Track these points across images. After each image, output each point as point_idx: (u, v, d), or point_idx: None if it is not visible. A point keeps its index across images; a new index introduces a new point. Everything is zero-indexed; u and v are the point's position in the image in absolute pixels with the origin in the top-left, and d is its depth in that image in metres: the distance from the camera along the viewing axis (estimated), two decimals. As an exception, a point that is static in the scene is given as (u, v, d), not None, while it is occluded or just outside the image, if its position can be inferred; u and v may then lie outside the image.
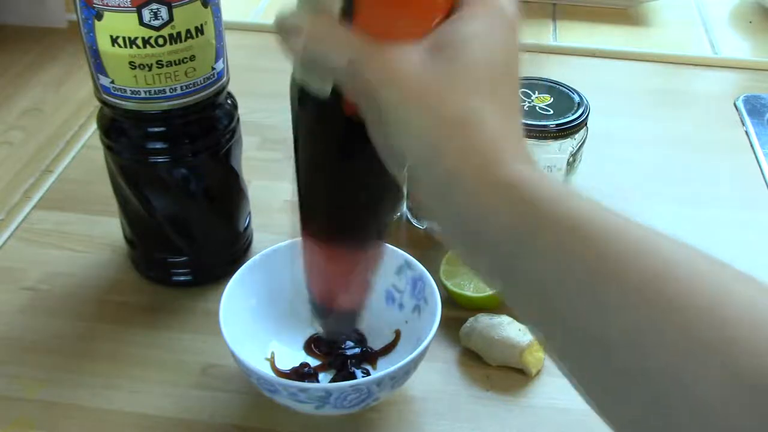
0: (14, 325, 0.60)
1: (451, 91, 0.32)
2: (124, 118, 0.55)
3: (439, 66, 0.32)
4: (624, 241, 0.30)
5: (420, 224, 0.69)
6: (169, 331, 0.60)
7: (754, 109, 0.87)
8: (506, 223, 0.31)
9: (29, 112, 0.86)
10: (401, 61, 0.32)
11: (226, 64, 0.56)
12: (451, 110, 0.32)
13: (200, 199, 0.60)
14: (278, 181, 0.74)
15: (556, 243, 0.30)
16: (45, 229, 0.69)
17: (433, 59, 0.32)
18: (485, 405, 0.54)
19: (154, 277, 0.64)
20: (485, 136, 0.32)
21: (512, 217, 0.31)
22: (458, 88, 0.32)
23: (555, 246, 0.30)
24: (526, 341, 0.55)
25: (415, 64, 0.32)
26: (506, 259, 0.32)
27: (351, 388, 0.48)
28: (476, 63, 0.33)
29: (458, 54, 0.33)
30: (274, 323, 0.57)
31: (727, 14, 1.10)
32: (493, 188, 0.32)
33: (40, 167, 0.77)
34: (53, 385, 0.55)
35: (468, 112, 0.32)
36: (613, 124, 0.83)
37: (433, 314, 0.52)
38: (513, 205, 0.31)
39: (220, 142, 0.58)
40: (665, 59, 0.98)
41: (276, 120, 0.84)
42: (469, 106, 0.32)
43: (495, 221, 0.31)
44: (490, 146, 0.32)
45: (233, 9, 1.00)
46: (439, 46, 0.33)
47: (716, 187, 0.76)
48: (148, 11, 0.49)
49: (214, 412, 0.54)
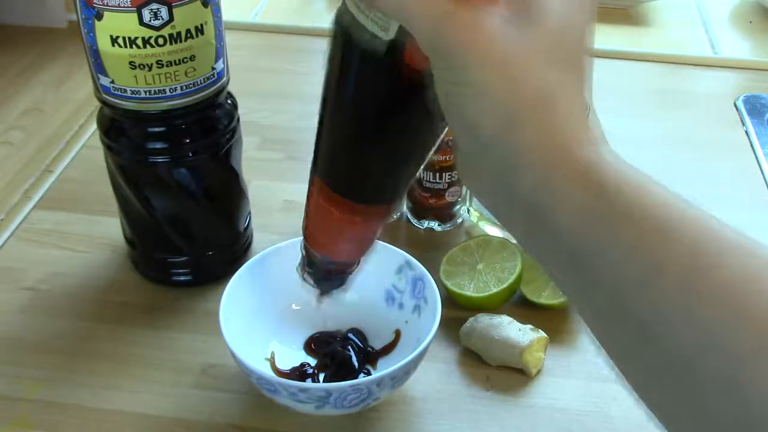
0: (14, 325, 0.60)
1: (531, 60, 0.31)
2: (124, 118, 0.55)
3: (522, 30, 0.31)
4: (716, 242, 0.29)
5: (420, 224, 0.69)
6: (169, 331, 0.60)
7: (754, 109, 0.87)
8: (582, 209, 0.30)
9: (29, 112, 0.86)
10: (485, 21, 0.30)
11: (226, 64, 0.56)
12: (530, 83, 0.31)
13: (200, 199, 0.60)
14: (278, 181, 0.74)
15: (640, 240, 0.29)
16: (45, 229, 0.69)
17: (515, 23, 0.31)
18: (485, 405, 0.54)
19: (154, 277, 0.64)
20: (564, 113, 0.31)
21: (589, 201, 0.30)
22: (538, 58, 0.31)
23: (639, 242, 0.29)
24: (526, 341, 0.55)
25: (498, 26, 0.30)
26: (576, 244, 0.30)
27: (351, 388, 0.48)
28: (559, 31, 0.31)
29: (541, 19, 0.31)
30: (274, 323, 0.57)
31: (727, 14, 1.10)
32: (569, 168, 0.30)
33: (40, 167, 0.77)
34: (53, 385, 0.55)
35: (546, 88, 0.31)
36: (613, 124, 0.82)
37: (433, 314, 0.52)
38: (590, 192, 0.30)
39: (220, 142, 0.58)
40: (665, 59, 0.98)
41: (276, 120, 0.84)
42: (547, 81, 0.31)
43: (569, 206, 0.30)
44: (567, 126, 0.31)
45: (233, 9, 1.00)
46: (522, 10, 0.31)
47: (716, 187, 0.76)
48: (148, 11, 0.49)
49: (214, 412, 0.54)
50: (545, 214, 0.31)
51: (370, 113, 0.36)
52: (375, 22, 0.32)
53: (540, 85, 0.31)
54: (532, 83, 0.31)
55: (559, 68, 0.31)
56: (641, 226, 0.29)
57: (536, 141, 0.30)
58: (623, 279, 0.29)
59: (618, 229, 0.29)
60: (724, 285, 0.28)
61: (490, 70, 0.30)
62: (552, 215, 0.31)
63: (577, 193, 0.30)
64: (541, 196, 0.31)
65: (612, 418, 0.53)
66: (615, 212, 0.30)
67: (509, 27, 0.31)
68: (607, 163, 0.30)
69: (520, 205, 0.32)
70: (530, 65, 0.31)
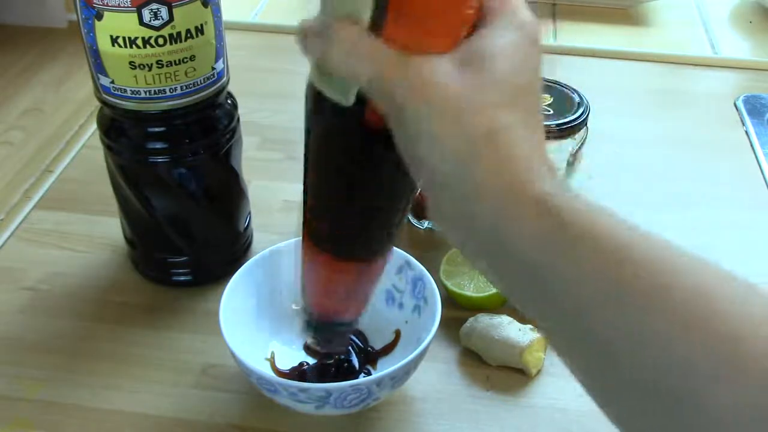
0: (14, 325, 0.60)
1: (480, 104, 0.32)
2: (124, 118, 0.55)
3: (468, 79, 0.32)
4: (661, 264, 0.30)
5: (420, 224, 0.69)
6: (169, 331, 0.60)
7: (754, 109, 0.87)
8: (536, 234, 0.31)
9: (29, 112, 0.86)
10: (432, 73, 0.32)
11: (226, 64, 0.56)
12: (480, 123, 0.32)
13: (200, 199, 0.60)
14: (278, 181, 0.74)
15: (591, 261, 0.30)
16: (45, 229, 0.69)
17: (462, 72, 0.33)
18: (485, 405, 0.54)
19: (154, 277, 0.64)
20: (514, 149, 0.32)
21: (542, 229, 0.31)
22: (487, 101, 0.32)
23: (595, 266, 0.30)
24: (526, 341, 0.55)
25: (445, 76, 0.32)
26: (535, 272, 0.32)
27: (351, 388, 0.48)
28: (504, 77, 0.33)
29: (486, 67, 0.33)
30: (274, 323, 0.57)
31: (727, 14, 1.10)
32: (522, 199, 0.32)
33: (40, 167, 0.77)
34: (53, 385, 0.55)
35: (496, 126, 0.32)
36: (613, 124, 0.83)
37: (433, 314, 0.52)
38: (545, 219, 0.31)
39: (220, 142, 0.58)
40: (665, 59, 0.98)
41: (276, 120, 0.84)
42: (498, 120, 0.32)
43: (526, 234, 0.32)
44: (518, 160, 0.32)
45: (233, 9, 1.00)
46: (467, 59, 0.33)
47: (716, 187, 0.76)
48: (148, 11, 0.49)
49: (214, 412, 0.54)
50: (505, 246, 0.32)
51: (343, 172, 0.38)
52: (335, 91, 0.35)
53: (487, 127, 0.32)
54: (480, 126, 0.32)
55: (507, 110, 0.33)
56: (596, 250, 0.31)
57: (490, 178, 0.32)
58: (582, 301, 0.31)
59: (574, 254, 0.31)
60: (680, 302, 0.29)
61: (438, 119, 0.32)
62: (511, 246, 0.32)
63: (533, 223, 0.31)
64: (500, 229, 0.32)
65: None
66: (570, 238, 0.31)
67: (456, 76, 0.32)
68: (560, 193, 0.32)
69: (482, 240, 0.33)
70: (476, 109, 0.32)
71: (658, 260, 0.30)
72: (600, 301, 0.30)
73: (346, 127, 0.36)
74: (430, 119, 0.32)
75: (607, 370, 0.31)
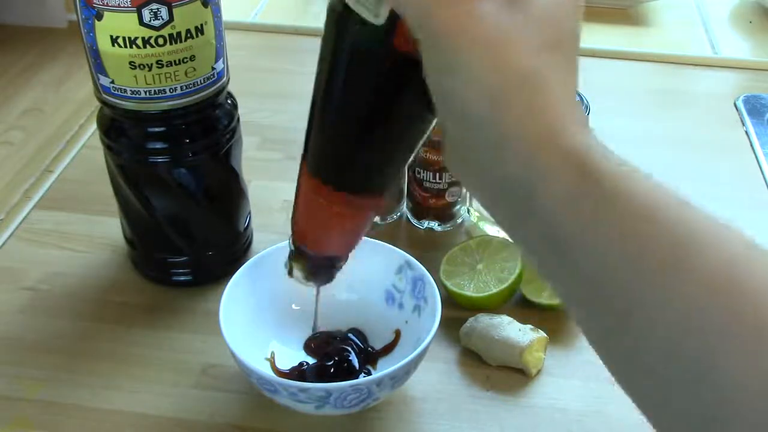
0: (14, 325, 0.60)
1: (521, 43, 0.31)
2: (124, 118, 0.55)
3: (511, 15, 0.31)
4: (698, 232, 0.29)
5: (420, 224, 0.69)
6: (169, 331, 0.60)
7: (754, 109, 0.87)
8: (567, 192, 0.30)
9: (29, 112, 0.86)
10: (475, 5, 0.31)
11: (226, 64, 0.56)
12: (519, 64, 0.31)
13: (200, 199, 0.60)
14: (278, 181, 0.74)
15: (623, 224, 0.29)
16: (45, 229, 0.69)
17: (505, 8, 0.31)
18: (485, 405, 0.54)
19: (154, 277, 0.64)
20: (551, 97, 0.31)
21: (574, 184, 0.30)
22: (528, 41, 0.31)
23: (621, 227, 0.29)
24: (526, 341, 0.55)
25: (488, 10, 0.31)
26: (559, 229, 0.31)
27: (351, 388, 0.48)
28: (547, 17, 0.32)
29: (530, 5, 0.31)
30: (274, 323, 0.57)
31: (727, 14, 1.10)
32: (555, 151, 0.30)
33: (40, 167, 0.77)
34: (53, 385, 0.55)
35: (535, 69, 0.31)
36: (613, 124, 0.82)
37: (433, 314, 0.52)
38: (576, 174, 0.30)
39: (220, 142, 0.58)
40: (665, 59, 0.98)
41: (276, 120, 0.84)
42: (537, 63, 0.31)
43: (554, 188, 0.30)
44: (555, 109, 0.31)
45: (233, 9, 1.00)
46: None
47: (716, 187, 0.76)
48: (148, 11, 0.49)
49: (214, 412, 0.54)
50: (530, 196, 0.31)
51: (361, 99, 0.36)
52: (366, 7, 0.33)
53: (527, 68, 0.31)
54: (520, 66, 0.31)
55: (548, 53, 0.31)
56: (624, 211, 0.29)
57: (523, 122, 0.31)
58: (603, 264, 0.30)
59: (600, 212, 0.30)
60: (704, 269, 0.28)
61: (478, 53, 0.31)
62: (536, 196, 0.31)
63: (562, 174, 0.30)
64: (527, 177, 0.31)
65: (612, 418, 0.53)
66: (598, 195, 0.30)
67: (498, 12, 0.31)
68: (593, 147, 0.31)
69: (506, 188, 0.32)
70: (518, 48, 0.31)
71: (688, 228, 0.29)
72: (622, 266, 0.29)
73: (371, 49, 0.34)
74: (470, 52, 0.31)
75: (625, 337, 0.30)
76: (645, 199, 0.30)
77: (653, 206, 0.30)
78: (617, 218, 0.29)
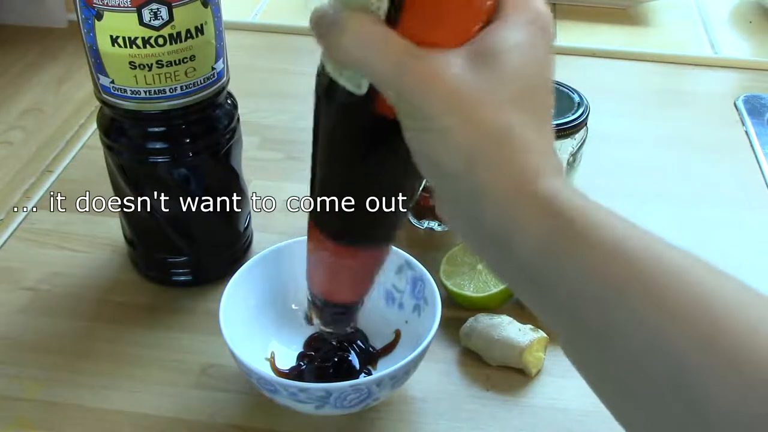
0: (14, 325, 0.60)
1: (491, 101, 0.32)
2: (124, 118, 0.55)
3: (481, 75, 0.32)
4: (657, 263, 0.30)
5: (420, 224, 0.69)
6: (169, 331, 0.60)
7: (754, 109, 0.87)
8: (541, 235, 0.31)
9: (29, 112, 0.86)
10: (444, 68, 0.32)
11: (226, 64, 0.56)
12: (490, 122, 0.32)
13: (200, 200, 0.60)
14: (278, 181, 0.74)
15: (594, 263, 0.30)
16: (45, 229, 0.69)
17: (474, 68, 0.32)
18: (485, 405, 0.54)
19: (154, 277, 0.64)
20: (522, 150, 0.32)
21: (547, 230, 0.31)
22: (498, 99, 0.32)
23: (593, 266, 0.30)
24: (526, 341, 0.55)
25: (457, 71, 0.32)
26: (537, 271, 0.32)
27: (351, 388, 0.48)
28: (516, 74, 0.33)
29: (499, 63, 0.32)
30: (274, 323, 0.57)
31: (727, 14, 1.10)
32: (528, 200, 0.32)
33: (40, 167, 0.77)
34: (53, 385, 0.55)
35: (507, 125, 0.32)
36: (613, 124, 0.83)
37: (433, 314, 0.52)
38: (548, 217, 0.31)
39: (220, 142, 0.58)
40: (665, 59, 0.98)
41: (276, 120, 0.84)
42: (508, 119, 0.32)
43: (528, 233, 0.32)
44: (526, 161, 0.32)
45: (233, 9, 1.01)
46: (480, 54, 0.32)
47: (716, 187, 0.76)
48: (148, 11, 0.49)
49: (214, 412, 0.54)
50: (509, 243, 0.32)
51: (351, 161, 0.38)
52: (348, 80, 0.34)
53: (498, 124, 0.32)
54: (491, 124, 0.32)
55: (519, 108, 0.33)
56: (594, 252, 0.31)
57: (497, 177, 0.32)
58: (581, 299, 0.31)
59: (573, 252, 0.31)
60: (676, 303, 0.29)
61: (450, 114, 0.32)
62: (515, 244, 0.32)
63: (536, 222, 0.31)
64: (504, 227, 0.32)
65: (612, 418, 0.53)
66: (571, 238, 0.31)
67: (468, 72, 0.32)
68: (564, 194, 0.32)
69: (487, 236, 0.33)
70: (488, 106, 0.32)
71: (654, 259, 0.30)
72: (595, 298, 0.30)
73: (357, 116, 0.36)
74: (440, 114, 0.32)
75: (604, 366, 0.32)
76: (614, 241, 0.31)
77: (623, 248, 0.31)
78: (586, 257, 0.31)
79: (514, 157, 0.32)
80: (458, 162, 0.32)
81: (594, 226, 0.31)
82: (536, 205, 0.32)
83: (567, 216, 0.31)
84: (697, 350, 0.28)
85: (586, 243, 0.31)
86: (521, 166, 0.32)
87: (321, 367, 0.55)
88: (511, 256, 0.33)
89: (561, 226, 0.31)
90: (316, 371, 0.55)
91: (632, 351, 0.30)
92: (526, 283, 0.33)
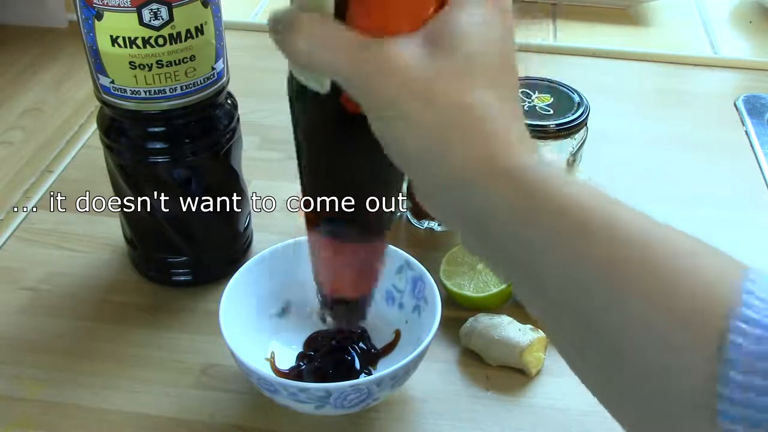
0: (14, 325, 0.60)
1: (449, 83, 0.32)
2: (124, 118, 0.55)
3: (437, 58, 0.32)
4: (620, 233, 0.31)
5: (420, 224, 0.69)
6: (169, 331, 0.60)
7: (754, 109, 0.87)
8: (512, 208, 0.31)
9: (29, 112, 0.86)
10: (397, 55, 0.32)
11: (226, 64, 0.56)
12: (451, 103, 0.32)
13: (200, 200, 0.60)
14: (278, 181, 0.74)
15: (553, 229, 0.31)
16: (45, 229, 0.69)
17: (429, 51, 0.32)
18: (485, 405, 0.54)
19: (154, 277, 0.64)
20: (488, 127, 0.32)
21: (518, 203, 0.31)
22: (456, 80, 0.32)
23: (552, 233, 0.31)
24: (526, 341, 0.55)
25: (413, 57, 0.32)
26: (511, 245, 0.32)
27: (351, 388, 0.48)
28: (473, 54, 0.32)
29: (455, 45, 0.32)
30: (274, 323, 0.57)
31: (727, 14, 1.10)
32: (499, 177, 0.32)
33: (40, 167, 0.77)
34: (53, 385, 0.55)
35: (467, 105, 0.32)
36: (613, 124, 0.83)
37: (433, 314, 0.52)
38: (519, 192, 0.31)
39: (220, 142, 0.58)
40: (665, 59, 0.98)
41: (276, 120, 0.84)
42: (468, 99, 0.32)
43: (501, 208, 0.32)
44: (493, 138, 0.32)
45: (233, 9, 1.00)
46: (435, 37, 0.32)
47: (716, 187, 0.76)
48: (148, 11, 0.49)
49: (214, 412, 0.54)
50: (485, 221, 0.32)
51: (327, 158, 0.39)
52: (311, 80, 0.35)
53: (459, 106, 0.32)
54: (452, 105, 0.32)
55: (482, 87, 0.32)
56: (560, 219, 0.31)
57: (464, 155, 0.32)
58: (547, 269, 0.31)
59: (540, 222, 0.31)
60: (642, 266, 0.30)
61: (409, 100, 0.32)
62: (489, 221, 0.32)
63: (507, 196, 0.32)
64: (477, 204, 0.32)
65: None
66: (539, 208, 0.31)
67: (424, 56, 0.32)
68: (535, 166, 0.32)
69: (465, 217, 0.33)
70: (448, 89, 0.32)
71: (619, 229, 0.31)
72: (562, 268, 0.31)
73: (325, 114, 0.36)
74: (399, 102, 0.32)
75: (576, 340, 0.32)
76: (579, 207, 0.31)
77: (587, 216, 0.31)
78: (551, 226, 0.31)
79: (481, 135, 0.32)
80: (424, 146, 0.32)
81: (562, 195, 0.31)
82: (506, 180, 0.32)
83: (538, 187, 0.31)
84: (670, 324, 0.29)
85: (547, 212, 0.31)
86: (489, 142, 0.32)
87: (321, 367, 0.55)
88: (489, 233, 0.33)
89: (530, 198, 0.31)
90: (316, 371, 0.55)
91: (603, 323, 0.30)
92: (506, 261, 0.33)
